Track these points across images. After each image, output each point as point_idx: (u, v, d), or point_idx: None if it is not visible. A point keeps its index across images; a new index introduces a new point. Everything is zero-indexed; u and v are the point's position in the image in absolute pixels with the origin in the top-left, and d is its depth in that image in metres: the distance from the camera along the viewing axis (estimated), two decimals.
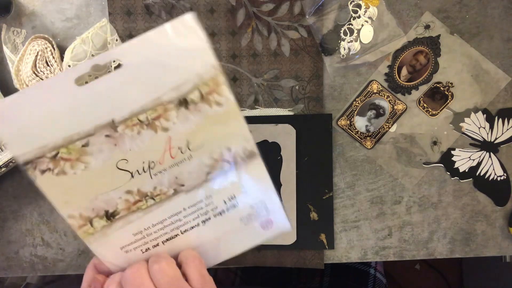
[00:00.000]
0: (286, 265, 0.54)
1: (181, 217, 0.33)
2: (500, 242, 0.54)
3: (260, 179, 0.33)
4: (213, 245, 0.35)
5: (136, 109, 0.29)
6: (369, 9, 0.50)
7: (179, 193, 0.32)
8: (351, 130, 0.52)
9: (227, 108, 0.30)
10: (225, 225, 0.34)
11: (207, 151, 0.31)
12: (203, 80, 0.29)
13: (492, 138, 0.53)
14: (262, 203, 0.34)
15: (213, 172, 0.32)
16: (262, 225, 0.35)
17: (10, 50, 0.51)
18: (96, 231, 0.32)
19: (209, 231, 0.34)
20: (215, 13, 0.51)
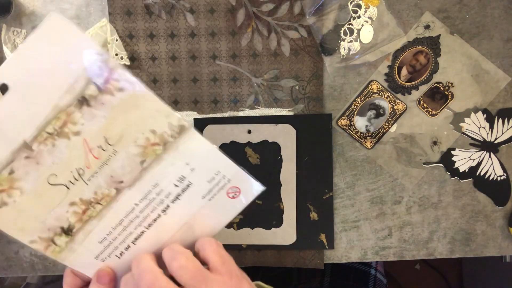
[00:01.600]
0: (286, 265, 0.54)
1: (137, 213, 0.32)
2: (500, 242, 0.54)
3: (203, 151, 0.32)
4: (186, 232, 0.34)
5: (41, 123, 0.28)
6: (369, 9, 0.50)
7: (122, 190, 0.32)
8: (351, 130, 0.52)
9: (132, 91, 0.29)
10: (189, 208, 0.33)
11: (130, 140, 0.30)
12: (94, 71, 0.28)
13: (492, 138, 0.53)
14: (218, 174, 0.33)
15: (147, 160, 0.31)
16: (231, 196, 0.34)
17: (10, 50, 0.51)
18: (62, 249, 0.32)
19: (174, 219, 0.33)
20: (215, 13, 0.51)
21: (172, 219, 0.33)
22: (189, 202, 0.33)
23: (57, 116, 0.28)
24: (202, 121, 0.52)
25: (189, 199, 0.33)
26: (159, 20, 0.51)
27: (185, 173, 0.32)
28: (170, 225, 0.34)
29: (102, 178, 0.31)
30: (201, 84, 0.52)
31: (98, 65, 0.28)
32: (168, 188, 0.32)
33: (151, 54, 0.51)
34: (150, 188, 0.32)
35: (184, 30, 0.51)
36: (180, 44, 0.51)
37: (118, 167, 0.31)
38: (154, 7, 0.51)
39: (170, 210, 0.33)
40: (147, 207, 0.33)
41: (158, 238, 0.34)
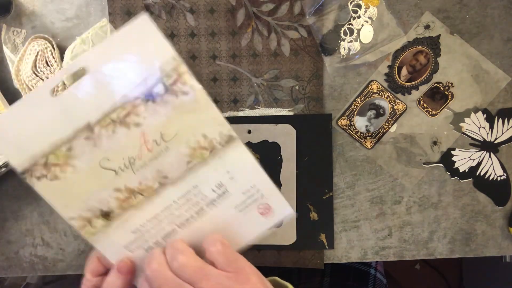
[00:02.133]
0: (286, 265, 0.54)
1: (173, 210, 0.34)
2: (500, 242, 0.54)
3: (245, 163, 0.33)
4: None
5: (107, 110, 0.30)
6: (369, 9, 0.50)
7: (165, 185, 0.33)
8: (351, 130, 0.52)
9: (194, 96, 0.31)
10: (221, 215, 0.34)
11: (183, 141, 0.32)
12: (165, 72, 0.30)
13: (492, 138, 0.53)
14: (254, 188, 0.34)
15: (193, 161, 0.33)
16: (261, 212, 0.35)
17: (10, 50, 0.51)
18: (97, 231, 0.33)
19: (205, 223, 0.34)
20: (215, 13, 0.51)
21: (203, 223, 0.34)
22: (222, 209, 0.34)
23: (123, 106, 0.30)
24: None
25: (223, 206, 0.34)
26: (159, 20, 0.51)
27: (224, 181, 0.34)
28: (200, 228, 0.34)
29: (149, 171, 0.32)
30: (201, 84, 0.52)
31: (170, 68, 0.30)
32: (206, 191, 0.34)
33: None
34: (190, 189, 0.33)
35: (184, 30, 0.51)
36: (180, 44, 0.51)
37: (167, 163, 0.32)
38: (154, 7, 0.51)
39: (204, 213, 0.34)
40: (183, 206, 0.34)
41: (187, 239, 0.34)
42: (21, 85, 0.50)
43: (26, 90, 0.50)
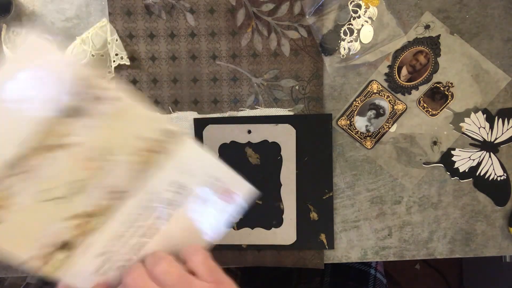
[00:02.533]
0: (286, 265, 0.54)
1: (136, 222, 0.32)
2: (500, 242, 0.54)
3: (197, 156, 0.33)
4: (185, 239, 0.34)
5: (29, 138, 0.28)
6: (369, 9, 0.50)
7: (121, 199, 0.31)
8: (351, 130, 0.52)
9: (119, 102, 0.29)
10: (186, 213, 0.34)
11: (125, 150, 0.30)
12: (78, 84, 0.28)
13: (492, 138, 0.53)
14: (211, 177, 0.33)
15: (144, 168, 0.31)
16: (224, 199, 0.34)
17: (10, 50, 0.51)
18: (62, 264, 0.31)
19: (173, 226, 0.33)
20: (215, 13, 0.51)
21: (172, 226, 0.33)
22: (186, 207, 0.33)
23: (51, 130, 0.28)
24: (202, 121, 0.52)
25: (186, 204, 0.33)
26: (159, 20, 0.51)
27: (181, 179, 0.32)
28: (170, 232, 0.34)
29: (98, 190, 0.30)
30: (201, 84, 0.52)
31: (80, 78, 0.28)
32: (165, 195, 0.32)
33: (151, 54, 0.51)
34: (148, 196, 0.32)
35: (184, 30, 0.51)
36: (180, 44, 0.51)
37: (114, 176, 0.30)
38: (154, 7, 0.51)
39: (169, 216, 0.33)
40: (145, 215, 0.32)
41: (161, 248, 0.33)
42: None
43: None
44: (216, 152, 0.52)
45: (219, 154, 0.52)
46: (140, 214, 0.32)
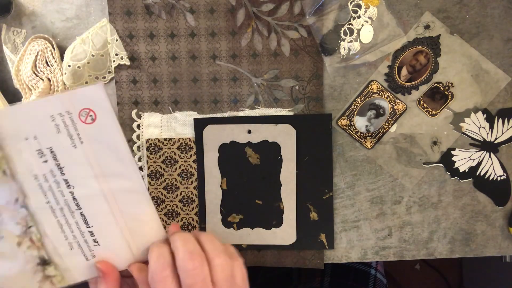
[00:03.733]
0: (286, 265, 0.54)
1: (59, 206, 0.34)
2: (500, 242, 0.54)
3: (21, 117, 0.32)
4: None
5: None
6: (369, 9, 0.50)
7: (26, 205, 0.33)
8: (351, 130, 0.52)
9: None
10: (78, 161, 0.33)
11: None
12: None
13: (492, 138, 0.53)
14: (53, 116, 0.32)
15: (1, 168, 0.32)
16: (85, 120, 0.32)
17: (10, 50, 0.51)
18: (60, 274, 0.35)
19: (77, 180, 0.34)
20: (215, 13, 0.51)
21: (77, 182, 0.34)
22: (70, 158, 0.33)
23: None
24: (202, 121, 0.52)
25: (65, 161, 0.33)
26: (159, 20, 0.51)
27: (35, 145, 0.32)
28: (87, 191, 0.34)
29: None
30: (201, 84, 0.52)
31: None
32: (42, 170, 0.33)
33: (151, 54, 0.51)
34: (37, 182, 0.33)
35: (184, 30, 0.51)
36: (180, 44, 0.51)
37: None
38: (154, 7, 0.51)
39: (69, 179, 0.34)
40: (55, 195, 0.33)
41: (101, 210, 0.35)
42: (21, 85, 0.50)
43: (26, 90, 0.50)
44: (216, 152, 0.52)
45: (219, 154, 0.52)
46: (50, 200, 0.34)
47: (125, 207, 0.35)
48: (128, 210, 0.35)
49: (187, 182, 0.53)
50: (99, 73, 0.52)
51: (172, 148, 0.52)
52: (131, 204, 0.35)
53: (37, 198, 0.33)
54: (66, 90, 0.33)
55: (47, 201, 0.33)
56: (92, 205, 0.34)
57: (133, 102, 0.52)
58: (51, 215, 0.34)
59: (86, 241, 0.35)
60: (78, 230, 0.35)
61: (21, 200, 0.33)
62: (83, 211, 0.34)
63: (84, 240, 0.35)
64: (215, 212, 0.52)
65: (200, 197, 0.53)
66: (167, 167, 0.52)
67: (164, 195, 0.53)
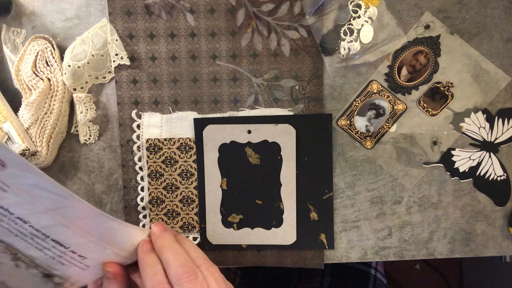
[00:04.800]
0: (286, 265, 0.54)
1: (28, 239, 0.34)
2: (500, 242, 0.54)
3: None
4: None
5: None
6: (369, 9, 0.50)
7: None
8: (351, 130, 0.52)
9: None
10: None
11: None
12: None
13: (492, 138, 0.53)
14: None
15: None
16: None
17: (10, 50, 0.51)
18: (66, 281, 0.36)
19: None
20: (215, 13, 0.51)
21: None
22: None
23: None
24: (202, 121, 0.52)
25: (6, 203, 0.31)
26: (159, 20, 0.51)
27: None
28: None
29: None
30: (201, 84, 0.52)
31: None
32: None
33: (151, 54, 0.51)
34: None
35: (184, 30, 0.51)
36: (180, 44, 0.51)
37: None
38: (154, 7, 0.51)
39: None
40: (19, 229, 0.33)
41: (69, 235, 0.34)
42: (21, 85, 0.50)
43: (26, 90, 0.50)
44: (216, 152, 0.52)
45: (219, 154, 0.52)
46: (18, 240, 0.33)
47: (89, 229, 0.34)
48: (94, 231, 0.34)
49: (187, 182, 0.53)
50: (99, 73, 0.52)
51: (172, 148, 0.52)
52: (92, 225, 0.34)
53: (4, 234, 0.32)
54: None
55: (15, 235, 0.32)
56: (57, 232, 0.33)
57: (133, 102, 0.52)
58: (27, 244, 0.33)
59: (72, 257, 0.34)
60: (59, 251, 0.34)
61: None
62: (53, 237, 0.33)
63: (70, 256, 0.34)
64: (215, 212, 0.52)
65: (200, 197, 0.53)
66: (167, 167, 0.52)
67: (164, 195, 0.53)
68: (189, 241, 0.39)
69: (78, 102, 0.51)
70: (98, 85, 0.52)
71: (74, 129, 0.53)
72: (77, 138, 0.53)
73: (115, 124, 0.53)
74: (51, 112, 0.50)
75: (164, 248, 0.35)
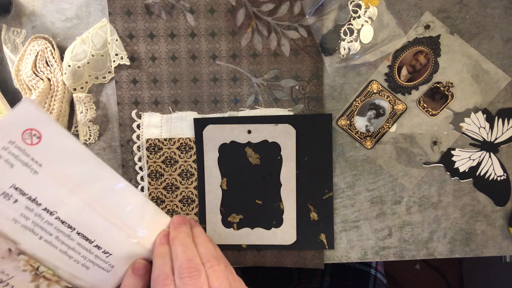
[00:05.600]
0: (286, 265, 0.54)
1: (49, 236, 0.34)
2: (500, 242, 0.54)
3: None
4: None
5: None
6: (369, 9, 0.50)
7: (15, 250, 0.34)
8: (351, 130, 0.52)
9: None
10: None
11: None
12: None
13: (492, 138, 0.53)
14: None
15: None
16: (30, 142, 0.31)
17: (10, 50, 0.51)
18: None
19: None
20: (215, 13, 0.51)
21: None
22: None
23: None
24: (202, 121, 0.52)
25: (34, 191, 0.32)
26: (159, 20, 0.51)
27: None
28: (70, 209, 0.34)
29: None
30: (201, 84, 0.52)
31: None
32: (17, 211, 0.32)
33: (151, 54, 0.51)
34: (19, 225, 0.32)
35: (184, 30, 0.51)
36: (180, 44, 0.51)
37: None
38: (154, 7, 0.51)
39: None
40: (43, 227, 0.33)
41: (94, 220, 0.34)
42: (21, 85, 0.50)
43: (26, 90, 0.50)
44: (216, 152, 0.52)
45: (219, 154, 0.52)
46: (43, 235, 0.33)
47: (114, 207, 0.34)
48: (118, 209, 0.34)
49: (187, 182, 0.53)
50: (99, 73, 0.52)
51: (172, 148, 0.52)
52: (117, 201, 0.34)
53: (28, 239, 0.32)
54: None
55: (39, 237, 0.32)
56: (82, 220, 0.33)
57: (133, 102, 0.52)
58: (51, 247, 0.33)
59: (97, 256, 0.34)
60: (84, 249, 0.34)
61: (14, 248, 0.32)
62: (78, 230, 0.33)
63: (94, 256, 0.34)
64: (215, 212, 0.52)
65: (200, 197, 0.53)
66: (167, 167, 0.52)
67: (164, 195, 0.53)
68: (204, 236, 0.38)
69: (78, 102, 0.51)
70: (98, 85, 0.52)
71: (74, 129, 0.53)
72: (77, 138, 0.53)
73: (115, 124, 0.53)
74: (51, 112, 0.50)
75: (176, 240, 0.35)
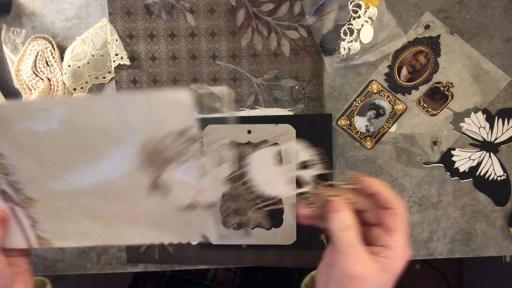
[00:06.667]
0: (286, 265, 0.54)
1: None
2: (500, 242, 0.54)
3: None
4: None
5: None
6: (369, 9, 0.50)
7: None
8: (351, 130, 0.52)
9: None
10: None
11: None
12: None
13: (492, 138, 0.52)
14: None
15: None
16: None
17: (10, 50, 0.51)
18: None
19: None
20: (215, 13, 0.51)
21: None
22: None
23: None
24: (202, 121, 0.52)
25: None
26: (159, 20, 0.51)
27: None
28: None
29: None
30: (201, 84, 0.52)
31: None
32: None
33: (151, 54, 0.51)
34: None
35: (184, 30, 0.51)
36: (180, 44, 0.51)
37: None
38: (154, 7, 0.51)
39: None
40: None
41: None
42: (21, 85, 0.50)
43: (26, 90, 0.50)
44: None
45: None
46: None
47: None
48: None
49: None
50: (99, 73, 0.52)
51: None
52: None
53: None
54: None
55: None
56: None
57: None
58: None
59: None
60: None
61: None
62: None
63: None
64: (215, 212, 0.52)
65: None
66: None
67: None
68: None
69: None
70: (98, 85, 0.52)
71: None
72: None
73: None
74: None
75: (375, 180, 0.35)
